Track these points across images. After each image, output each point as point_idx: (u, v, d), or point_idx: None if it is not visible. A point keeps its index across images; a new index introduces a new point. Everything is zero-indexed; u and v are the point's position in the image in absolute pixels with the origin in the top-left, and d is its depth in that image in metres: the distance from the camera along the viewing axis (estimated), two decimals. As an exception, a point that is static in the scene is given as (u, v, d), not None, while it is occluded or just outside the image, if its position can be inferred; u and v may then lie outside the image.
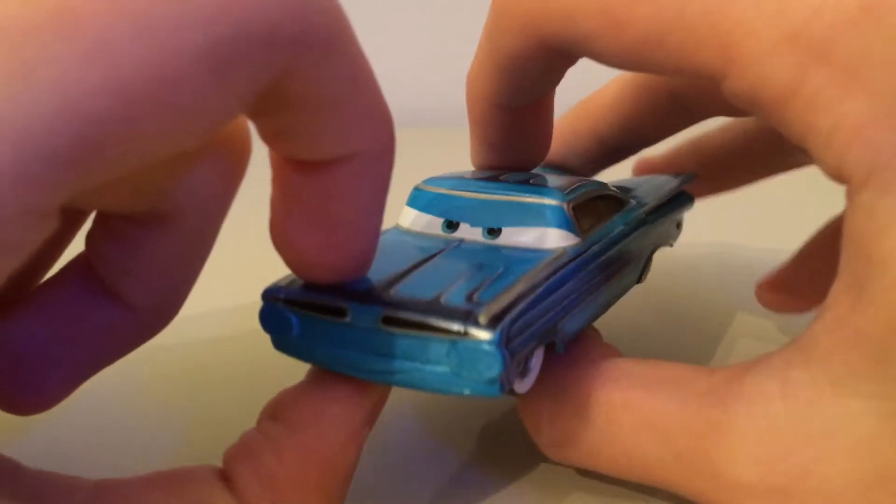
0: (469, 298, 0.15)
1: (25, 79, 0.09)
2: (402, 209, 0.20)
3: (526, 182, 0.19)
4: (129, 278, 0.15)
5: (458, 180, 0.19)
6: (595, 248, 0.18)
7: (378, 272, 0.16)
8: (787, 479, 0.14)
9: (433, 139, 0.54)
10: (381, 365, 0.15)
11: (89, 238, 0.15)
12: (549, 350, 0.16)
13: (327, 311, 0.15)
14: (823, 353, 0.14)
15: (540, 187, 0.19)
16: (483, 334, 0.14)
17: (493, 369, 0.14)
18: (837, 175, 0.14)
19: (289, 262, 0.15)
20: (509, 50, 0.17)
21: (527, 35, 0.16)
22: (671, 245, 0.24)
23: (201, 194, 0.15)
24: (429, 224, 0.19)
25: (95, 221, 0.15)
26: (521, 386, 0.16)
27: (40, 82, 0.09)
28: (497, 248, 0.18)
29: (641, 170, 0.26)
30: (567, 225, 0.18)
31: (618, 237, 0.19)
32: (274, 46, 0.11)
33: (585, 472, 0.18)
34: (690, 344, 0.25)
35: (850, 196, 0.14)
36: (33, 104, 0.09)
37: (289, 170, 0.14)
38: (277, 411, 0.15)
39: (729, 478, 0.14)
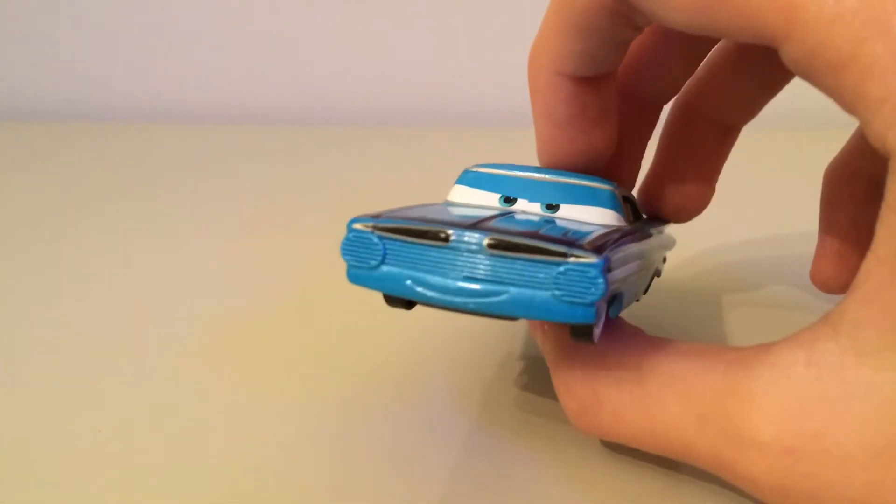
0: (565, 234, 0.15)
1: None
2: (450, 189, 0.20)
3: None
4: None
5: (510, 165, 0.20)
6: (640, 234, 0.19)
7: (450, 217, 0.16)
8: (800, 440, 0.14)
9: (433, 138, 0.54)
10: (480, 290, 0.15)
11: None
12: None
13: (427, 237, 0.16)
14: (852, 325, 0.14)
15: (586, 176, 0.19)
16: (589, 257, 0.15)
17: (595, 293, 0.15)
18: (882, 145, 0.14)
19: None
20: (579, 3, 0.17)
21: None
22: (659, 275, 0.25)
23: None
24: (485, 199, 0.19)
25: None
26: (595, 332, 0.16)
27: None
28: (553, 218, 0.18)
29: None
30: (618, 208, 0.19)
31: (647, 235, 0.20)
32: None
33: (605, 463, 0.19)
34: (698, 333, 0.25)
35: (893, 168, 0.14)
36: None
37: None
38: None
39: (746, 436, 0.15)
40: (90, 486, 0.19)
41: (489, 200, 0.19)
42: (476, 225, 0.16)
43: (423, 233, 0.16)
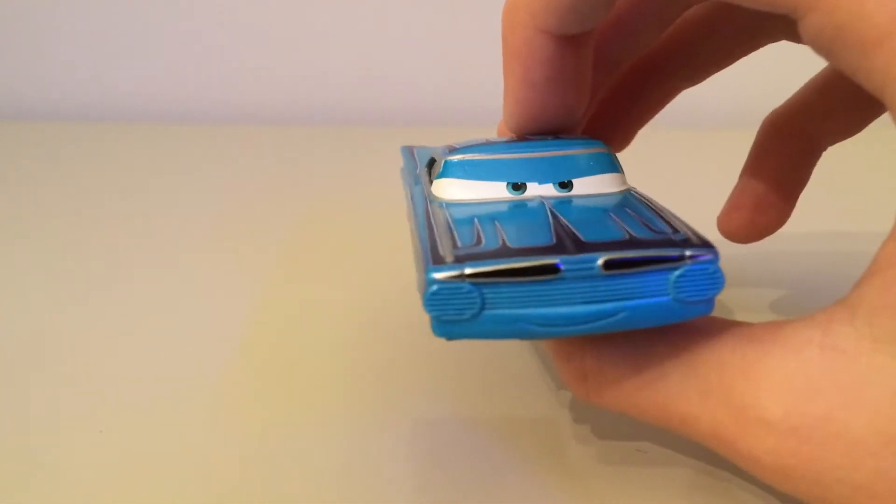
0: (655, 231, 0.15)
1: None
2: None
3: (553, 139, 0.19)
4: None
5: (489, 146, 0.19)
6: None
7: (514, 235, 0.16)
8: (809, 421, 0.14)
9: (431, 140, 0.53)
10: (597, 312, 0.15)
11: None
12: None
13: (533, 273, 0.14)
14: (869, 310, 0.14)
15: (573, 140, 0.19)
16: (706, 254, 0.14)
17: (716, 286, 0.15)
18: None
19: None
20: None
21: None
22: None
23: None
24: (490, 191, 0.18)
25: None
26: None
27: None
28: (575, 199, 0.18)
29: None
30: (618, 168, 0.19)
31: None
32: None
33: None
34: None
35: None
36: None
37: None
38: None
39: (752, 413, 0.15)
40: (90, 486, 0.19)
41: (495, 191, 0.18)
42: (578, 247, 0.15)
43: (528, 270, 0.14)
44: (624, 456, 0.19)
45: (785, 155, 0.23)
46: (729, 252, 0.33)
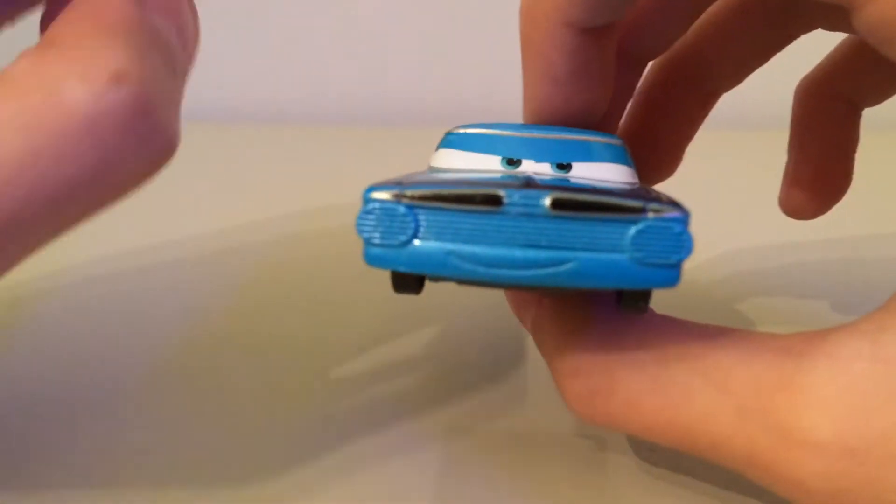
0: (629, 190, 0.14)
1: None
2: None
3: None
4: None
5: (499, 125, 0.18)
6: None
7: (472, 179, 0.14)
8: (865, 442, 0.13)
9: (431, 139, 0.53)
10: (544, 258, 0.13)
11: None
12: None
13: (473, 201, 0.13)
14: None
15: (586, 130, 0.17)
16: (672, 211, 0.13)
17: (681, 250, 0.13)
18: None
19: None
20: None
21: None
22: None
23: None
24: (482, 162, 0.17)
25: None
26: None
27: None
28: (571, 179, 0.16)
29: None
30: (629, 163, 0.17)
31: None
32: None
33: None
34: None
35: None
36: None
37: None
38: None
39: (798, 435, 0.13)
40: (91, 486, 0.18)
41: (488, 163, 0.17)
42: (527, 184, 0.13)
43: (467, 197, 0.13)
44: (634, 457, 0.19)
45: (828, 119, 0.22)
46: (746, 252, 0.33)
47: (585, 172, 0.16)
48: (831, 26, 0.19)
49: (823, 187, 0.22)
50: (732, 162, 0.41)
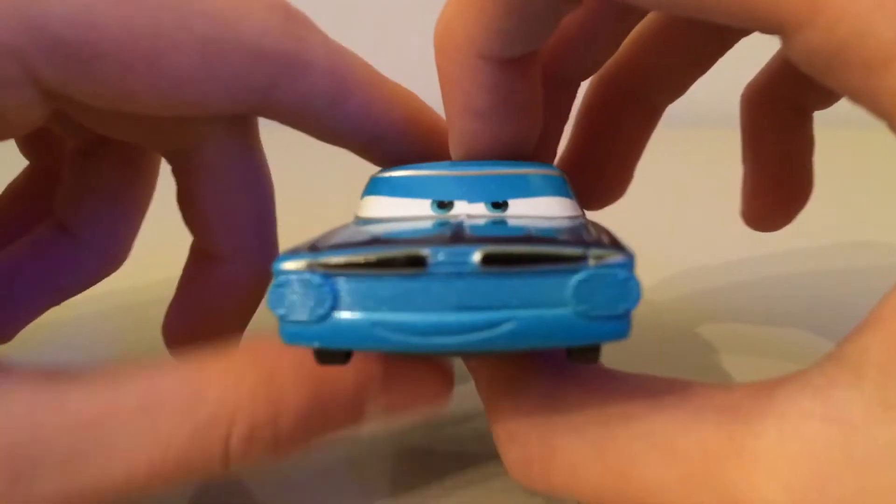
0: (565, 234, 0.13)
1: None
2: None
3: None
4: (85, 214, 0.18)
5: (427, 164, 0.16)
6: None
7: (395, 232, 0.13)
8: None
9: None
10: (480, 321, 0.12)
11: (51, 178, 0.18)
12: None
13: (394, 265, 0.12)
14: (878, 370, 0.12)
15: (520, 162, 0.16)
16: (616, 256, 0.12)
17: (629, 298, 0.12)
18: None
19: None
20: None
21: None
22: None
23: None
24: (412, 208, 0.15)
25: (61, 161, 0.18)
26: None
27: None
28: (508, 219, 0.15)
29: None
30: (570, 194, 0.16)
31: None
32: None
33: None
34: (680, 365, 0.24)
35: None
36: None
37: None
38: None
39: None
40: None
41: (418, 209, 0.15)
42: (454, 238, 0.12)
43: (387, 261, 0.12)
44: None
45: (778, 126, 0.21)
46: (717, 267, 0.30)
47: (523, 209, 0.15)
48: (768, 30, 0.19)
49: (784, 196, 0.21)
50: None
